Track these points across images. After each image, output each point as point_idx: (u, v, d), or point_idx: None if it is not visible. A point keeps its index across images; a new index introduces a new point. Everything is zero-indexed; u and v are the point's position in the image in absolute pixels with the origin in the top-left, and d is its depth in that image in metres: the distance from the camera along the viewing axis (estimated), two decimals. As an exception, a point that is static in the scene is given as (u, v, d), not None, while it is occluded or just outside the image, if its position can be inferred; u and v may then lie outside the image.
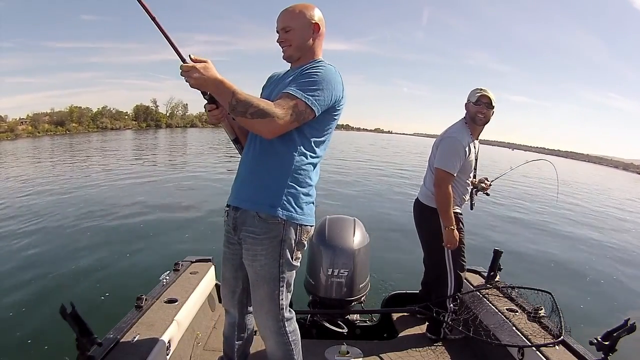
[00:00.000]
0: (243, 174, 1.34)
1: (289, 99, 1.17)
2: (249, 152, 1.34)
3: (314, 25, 1.30)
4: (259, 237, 1.26)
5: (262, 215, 1.25)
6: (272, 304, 1.32)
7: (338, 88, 1.25)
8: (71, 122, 53.01)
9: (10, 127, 44.48)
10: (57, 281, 3.85)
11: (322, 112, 1.23)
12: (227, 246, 1.42)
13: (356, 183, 11.51)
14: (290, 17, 1.28)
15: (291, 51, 1.31)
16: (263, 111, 1.11)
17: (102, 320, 1.98)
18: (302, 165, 1.27)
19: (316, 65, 1.26)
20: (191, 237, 5.35)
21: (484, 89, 2.01)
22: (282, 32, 1.30)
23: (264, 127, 1.14)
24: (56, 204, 7.21)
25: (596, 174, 37.40)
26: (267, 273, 1.29)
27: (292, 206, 1.26)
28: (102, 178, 10.71)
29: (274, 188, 1.26)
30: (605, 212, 11.47)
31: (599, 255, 6.38)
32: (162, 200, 7.76)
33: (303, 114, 1.18)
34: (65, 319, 1.14)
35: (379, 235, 5.26)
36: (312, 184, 1.32)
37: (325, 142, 1.33)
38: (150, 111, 69.05)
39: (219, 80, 1.09)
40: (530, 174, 16.20)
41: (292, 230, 1.27)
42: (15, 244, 4.98)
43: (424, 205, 2.10)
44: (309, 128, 1.26)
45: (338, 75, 1.26)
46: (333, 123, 1.32)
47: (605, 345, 1.38)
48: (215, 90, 1.11)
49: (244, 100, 1.10)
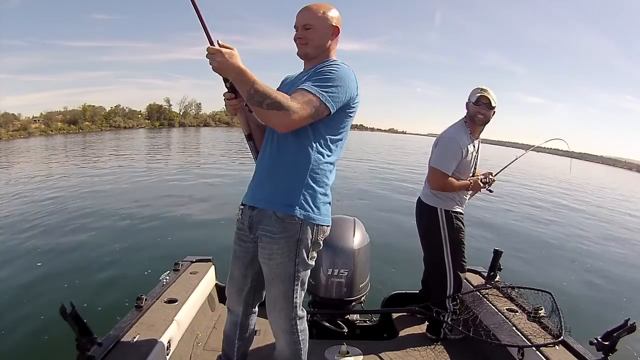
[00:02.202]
0: (260, 174, 1.35)
1: (305, 94, 1.17)
2: (265, 152, 1.34)
3: (334, 28, 1.31)
4: (275, 236, 1.27)
5: (279, 214, 1.26)
6: (287, 302, 1.33)
7: (352, 86, 1.26)
8: (84, 120, 53.23)
9: (24, 125, 44.76)
10: (57, 281, 3.85)
11: (337, 110, 1.24)
12: (239, 244, 1.42)
13: (356, 183, 11.50)
14: (313, 16, 1.28)
15: (308, 49, 1.31)
16: (279, 104, 1.12)
17: (102, 320, 1.99)
18: (319, 164, 1.27)
19: (331, 64, 1.27)
20: (191, 237, 5.35)
21: (484, 89, 2.00)
22: (302, 28, 1.29)
23: (278, 120, 1.14)
24: (56, 204, 7.21)
25: (612, 175, 36.55)
26: (283, 272, 1.30)
27: (309, 206, 1.27)
28: (107, 177, 10.72)
29: (291, 188, 1.26)
30: (610, 212, 11.46)
31: (600, 255, 6.38)
32: (162, 200, 7.76)
33: (318, 109, 1.18)
34: (65, 319, 1.14)
35: (379, 235, 5.26)
36: (329, 184, 1.33)
37: (342, 141, 1.34)
38: (163, 110, 69.34)
39: (241, 68, 1.11)
40: (533, 173, 16.19)
41: (309, 229, 1.28)
42: (14, 244, 4.98)
43: (424, 204, 2.11)
44: (324, 127, 1.27)
45: (352, 74, 1.27)
46: (348, 121, 1.32)
47: (605, 345, 1.37)
48: (236, 78, 1.12)
49: (262, 91, 1.11)
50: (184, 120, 71.20)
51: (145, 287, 1.92)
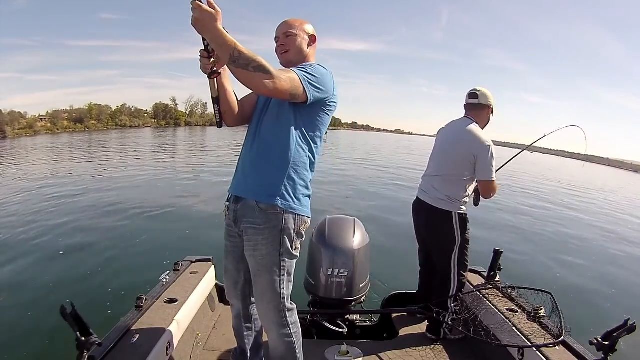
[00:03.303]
0: (243, 166, 1.41)
1: (290, 72, 1.26)
2: (249, 145, 1.41)
3: (311, 36, 1.45)
4: (259, 227, 1.33)
5: (262, 205, 1.33)
6: (274, 293, 1.37)
7: (330, 85, 1.35)
8: (90, 119, 53.15)
9: (30, 123, 44.79)
10: (57, 281, 3.85)
11: (315, 106, 1.33)
12: (228, 239, 1.49)
13: (356, 183, 11.51)
14: (292, 26, 1.42)
15: (290, 56, 1.41)
16: (266, 68, 1.15)
17: (102, 320, 1.99)
18: (300, 158, 1.35)
19: (311, 63, 1.39)
20: (191, 237, 5.35)
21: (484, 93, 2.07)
22: (284, 36, 1.41)
23: (262, 82, 1.16)
24: (56, 203, 7.20)
25: (619, 178, 35.70)
26: (269, 262, 1.35)
27: (290, 196, 1.34)
28: (108, 177, 10.72)
29: (273, 179, 1.33)
30: (612, 213, 11.45)
31: (600, 255, 6.38)
32: (162, 199, 7.76)
33: (297, 90, 1.25)
34: (65, 319, 1.14)
35: (379, 235, 5.26)
36: (309, 178, 1.40)
37: (320, 137, 1.42)
38: (169, 109, 69.14)
39: (220, 30, 1.10)
40: (535, 173, 16.15)
41: (292, 219, 1.34)
42: (14, 244, 4.98)
43: (435, 209, 2.05)
44: (306, 122, 1.36)
45: (331, 75, 1.37)
46: (326, 118, 1.41)
47: (605, 345, 1.37)
48: (213, 39, 1.12)
49: (247, 54, 1.13)
50: (190, 120, 71.09)
51: (145, 287, 1.92)
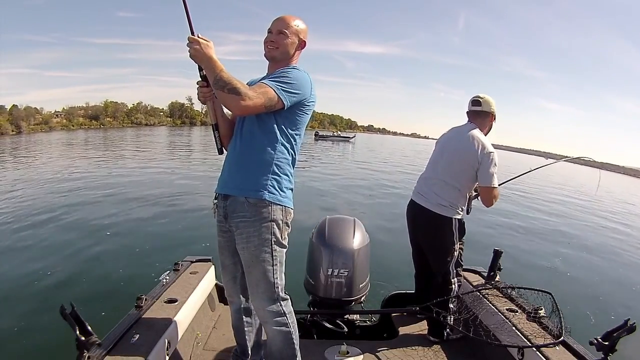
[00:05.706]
0: (230, 165, 1.48)
1: (262, 86, 1.34)
2: (235, 145, 1.48)
3: (302, 42, 1.51)
4: (250, 219, 1.40)
5: (250, 200, 1.40)
6: (268, 283, 1.42)
7: (307, 87, 1.43)
8: (106, 116, 53.32)
9: (45, 119, 45.03)
10: (57, 281, 3.85)
11: (294, 108, 1.41)
12: (221, 235, 1.54)
13: (357, 183, 11.51)
14: (288, 26, 1.47)
15: (276, 53, 1.47)
16: (237, 90, 1.28)
17: (102, 320, 1.98)
18: (282, 155, 1.44)
19: (291, 68, 1.46)
20: (191, 237, 5.35)
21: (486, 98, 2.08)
22: (277, 33, 1.46)
23: (234, 103, 1.29)
24: (56, 203, 7.20)
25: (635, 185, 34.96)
26: (261, 252, 1.40)
27: (276, 190, 1.42)
28: (110, 177, 10.72)
29: (259, 176, 1.41)
30: (613, 215, 11.45)
31: (600, 255, 6.38)
32: (162, 199, 7.76)
33: (272, 100, 1.34)
34: (65, 319, 1.14)
35: (379, 235, 5.26)
36: (291, 172, 1.49)
37: (300, 136, 1.51)
38: (185, 108, 69.01)
39: (213, 58, 1.30)
40: (539, 175, 16.16)
41: (279, 211, 1.42)
42: (13, 244, 4.98)
43: (435, 214, 2.03)
44: (286, 122, 1.44)
45: (308, 77, 1.45)
46: (304, 118, 1.49)
47: (605, 346, 1.37)
48: (207, 65, 1.30)
49: (226, 78, 1.28)
50: (206, 119, 70.88)
51: (145, 287, 1.92)
